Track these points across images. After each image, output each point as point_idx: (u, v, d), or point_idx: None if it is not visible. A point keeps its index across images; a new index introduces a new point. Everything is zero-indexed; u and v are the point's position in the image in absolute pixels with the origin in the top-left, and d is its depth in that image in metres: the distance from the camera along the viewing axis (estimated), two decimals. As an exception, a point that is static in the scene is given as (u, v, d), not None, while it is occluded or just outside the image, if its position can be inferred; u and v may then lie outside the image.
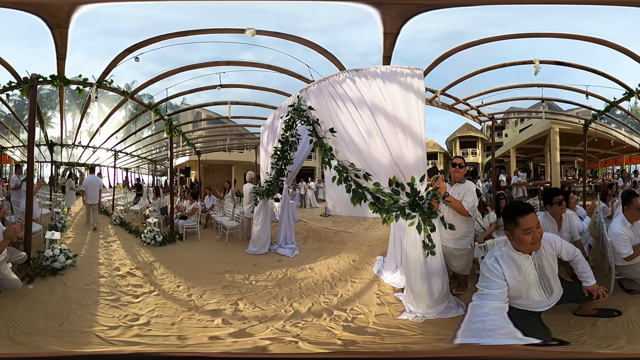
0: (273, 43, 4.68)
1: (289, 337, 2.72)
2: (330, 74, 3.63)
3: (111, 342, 2.63)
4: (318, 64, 5.07)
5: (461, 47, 4.71)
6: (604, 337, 2.41)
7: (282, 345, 2.59)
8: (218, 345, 2.63)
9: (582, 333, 2.49)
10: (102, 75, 5.14)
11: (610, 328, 2.54)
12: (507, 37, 4.59)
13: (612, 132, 11.35)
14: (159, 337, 2.76)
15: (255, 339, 2.71)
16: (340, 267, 4.82)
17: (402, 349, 2.51)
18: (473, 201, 3.30)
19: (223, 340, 2.70)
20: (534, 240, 2.05)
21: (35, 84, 4.58)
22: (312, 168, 26.71)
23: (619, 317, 2.67)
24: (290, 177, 6.07)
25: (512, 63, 5.57)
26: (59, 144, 11.23)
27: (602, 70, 5.73)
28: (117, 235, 7.01)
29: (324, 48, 4.57)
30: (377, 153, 3.24)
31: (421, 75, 3.22)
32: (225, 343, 2.66)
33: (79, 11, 3.63)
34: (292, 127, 4.71)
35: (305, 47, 4.55)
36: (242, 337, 2.75)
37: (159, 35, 4.38)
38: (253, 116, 8.80)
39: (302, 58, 5.11)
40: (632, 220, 3.02)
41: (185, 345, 2.62)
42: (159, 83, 5.94)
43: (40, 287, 3.71)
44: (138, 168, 22.31)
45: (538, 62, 5.05)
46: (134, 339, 2.71)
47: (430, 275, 3.07)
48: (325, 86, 3.68)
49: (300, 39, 4.43)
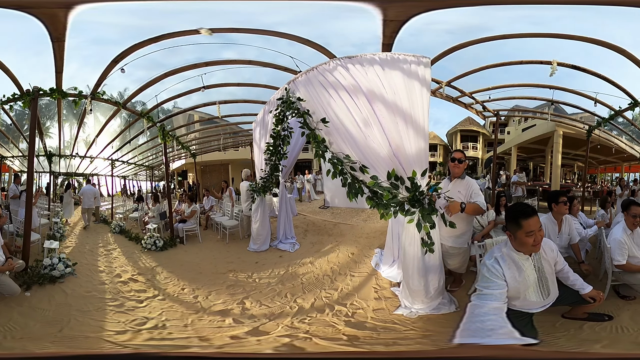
0: (253, 40, 4.58)
1: (302, 334, 2.75)
2: (319, 63, 3.48)
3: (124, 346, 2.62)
4: (308, 56, 4.98)
5: (475, 42, 4.59)
6: (583, 340, 2.43)
7: (300, 341, 2.63)
8: (246, 344, 2.65)
9: (563, 335, 2.50)
10: (95, 87, 5.22)
11: (596, 332, 2.56)
12: (525, 35, 4.50)
13: (614, 140, 11.36)
14: (178, 339, 2.76)
15: (274, 336, 2.74)
16: (339, 261, 4.84)
17: (402, 349, 2.53)
18: (482, 200, 3.14)
19: (248, 340, 2.72)
20: (535, 243, 2.06)
21: (37, 96, 4.67)
22: (309, 160, 26.56)
23: (608, 322, 2.68)
24: (285, 172, 6.03)
25: (528, 61, 5.47)
26: (57, 155, 11.22)
27: (611, 78, 5.70)
28: (117, 243, 6.99)
29: (303, 38, 4.38)
30: (375, 144, 3.06)
31: (428, 64, 3.01)
32: (251, 342, 2.68)
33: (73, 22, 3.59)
34: (283, 120, 4.63)
35: (289, 41, 4.43)
36: (257, 336, 2.77)
37: (141, 42, 4.32)
38: (245, 113, 8.77)
39: (288, 51, 4.97)
40: (630, 228, 3.06)
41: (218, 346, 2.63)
42: (149, 89, 5.92)
43: (38, 295, 3.69)
44: (136, 175, 22.25)
45: (556, 64, 4.95)
46: (150, 342, 2.71)
47: (428, 272, 3.03)
48: (314, 75, 3.52)
49: (271, 31, 4.26)
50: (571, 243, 3.46)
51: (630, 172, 18.39)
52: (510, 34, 4.54)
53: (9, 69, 4.56)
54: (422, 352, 2.47)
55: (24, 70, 5.21)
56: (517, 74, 6.41)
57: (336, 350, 2.50)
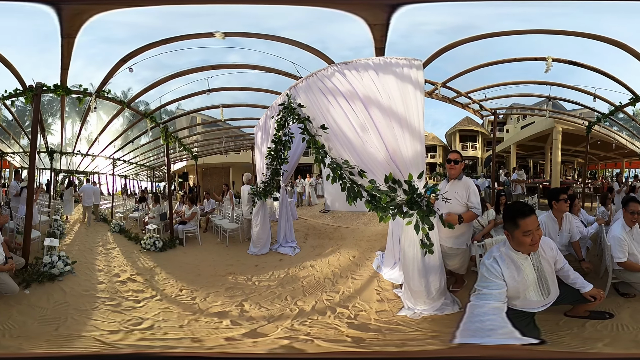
0: (256, 44, 4.64)
1: (302, 336, 2.72)
2: (318, 69, 3.52)
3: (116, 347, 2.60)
4: (307, 61, 5.00)
5: (466, 40, 4.56)
6: (586, 339, 2.42)
7: (300, 343, 2.60)
8: (240, 346, 2.63)
9: (567, 334, 2.49)
10: (100, 86, 5.21)
11: (598, 330, 2.54)
12: (518, 32, 4.46)
13: (614, 135, 11.34)
14: (170, 339, 2.74)
15: (272, 338, 2.71)
16: (340, 264, 4.82)
17: (403, 350, 2.52)
18: (478, 201, 3.17)
19: (243, 342, 2.69)
20: (532, 242, 2.06)
21: (40, 92, 4.61)
22: (310, 164, 26.59)
23: (610, 320, 2.68)
24: (286, 176, 6.05)
25: (522, 59, 5.42)
26: (58, 152, 11.23)
27: (611, 73, 5.66)
28: (117, 243, 6.97)
29: (304, 44, 4.44)
30: (372, 148, 3.11)
31: (420, 66, 3.07)
32: (246, 344, 2.66)
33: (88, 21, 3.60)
34: (285, 126, 4.67)
35: (289, 45, 4.46)
36: (254, 338, 2.74)
37: (150, 43, 4.37)
38: (247, 117, 8.83)
39: (288, 55, 5.00)
40: (629, 224, 3.05)
41: (207, 348, 2.61)
42: (154, 90, 5.96)
43: (37, 293, 3.68)
44: (137, 175, 22.26)
45: (551, 60, 4.90)
46: (142, 342, 2.69)
47: (428, 273, 3.03)
48: (313, 81, 3.57)
49: (275, 37, 4.32)
50: (572, 241, 3.44)
51: (631, 168, 18.39)
52: (502, 31, 4.49)
53: (11, 64, 4.51)
54: (421, 352, 2.46)
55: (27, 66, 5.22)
56: (514, 72, 6.34)
57: (341, 350, 2.48)
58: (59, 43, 3.98)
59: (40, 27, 6.69)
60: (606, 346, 2.31)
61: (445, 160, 3.31)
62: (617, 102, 6.90)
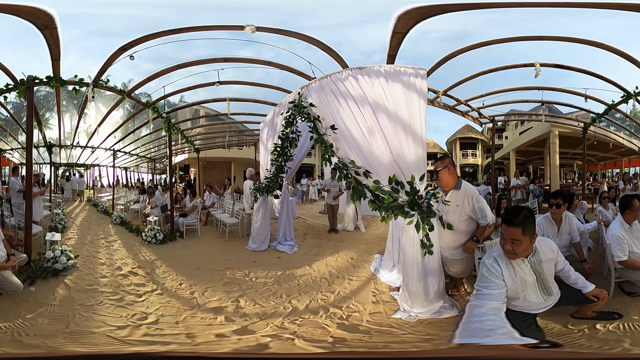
0: (273, 40, 4.63)
1: (287, 335, 2.76)
2: (333, 72, 3.61)
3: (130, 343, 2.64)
4: (320, 61, 5.03)
5: (465, 49, 4.69)
6: (605, 340, 2.37)
7: (280, 342, 2.62)
8: (226, 343, 2.67)
9: (580, 336, 2.46)
10: (98, 75, 5.11)
11: (611, 331, 2.50)
12: (510, 39, 4.57)
13: (611, 135, 11.37)
14: (168, 335, 2.80)
15: (257, 336, 2.75)
16: (338, 265, 4.85)
17: (404, 349, 2.52)
18: (484, 208, 3.09)
19: (229, 338, 2.74)
20: (507, 250, 2.08)
21: (32, 85, 4.56)
22: (312, 165, 26.67)
23: (619, 320, 2.64)
24: (290, 174, 6.09)
25: (513, 65, 5.56)
26: (57, 145, 11.25)
27: (600, 74, 5.76)
28: (118, 235, 7.07)
29: (326, 45, 4.50)
30: (378, 151, 3.24)
31: (424, 76, 3.22)
32: (231, 340, 2.70)
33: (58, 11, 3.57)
34: (293, 123, 4.71)
35: (306, 44, 4.51)
36: (244, 335, 2.79)
37: (153, 33, 4.34)
38: (252, 113, 8.79)
39: (304, 55, 5.06)
40: (627, 221, 3.03)
41: (195, 344, 2.65)
42: (156, 81, 5.94)
43: (42, 289, 3.72)
44: (137, 167, 22.28)
45: (539, 65, 5.10)
46: (146, 338, 2.74)
47: (427, 274, 3.09)
48: (327, 83, 3.66)
49: (302, 35, 4.36)
50: (573, 242, 3.43)
51: (630, 167, 18.47)
52: (499, 38, 4.62)
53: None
54: (421, 352, 2.45)
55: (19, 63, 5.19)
56: (509, 78, 6.58)
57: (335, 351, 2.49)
58: (41, 36, 3.90)
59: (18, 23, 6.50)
60: (632, 346, 2.26)
61: None
62: (610, 101, 7.04)
